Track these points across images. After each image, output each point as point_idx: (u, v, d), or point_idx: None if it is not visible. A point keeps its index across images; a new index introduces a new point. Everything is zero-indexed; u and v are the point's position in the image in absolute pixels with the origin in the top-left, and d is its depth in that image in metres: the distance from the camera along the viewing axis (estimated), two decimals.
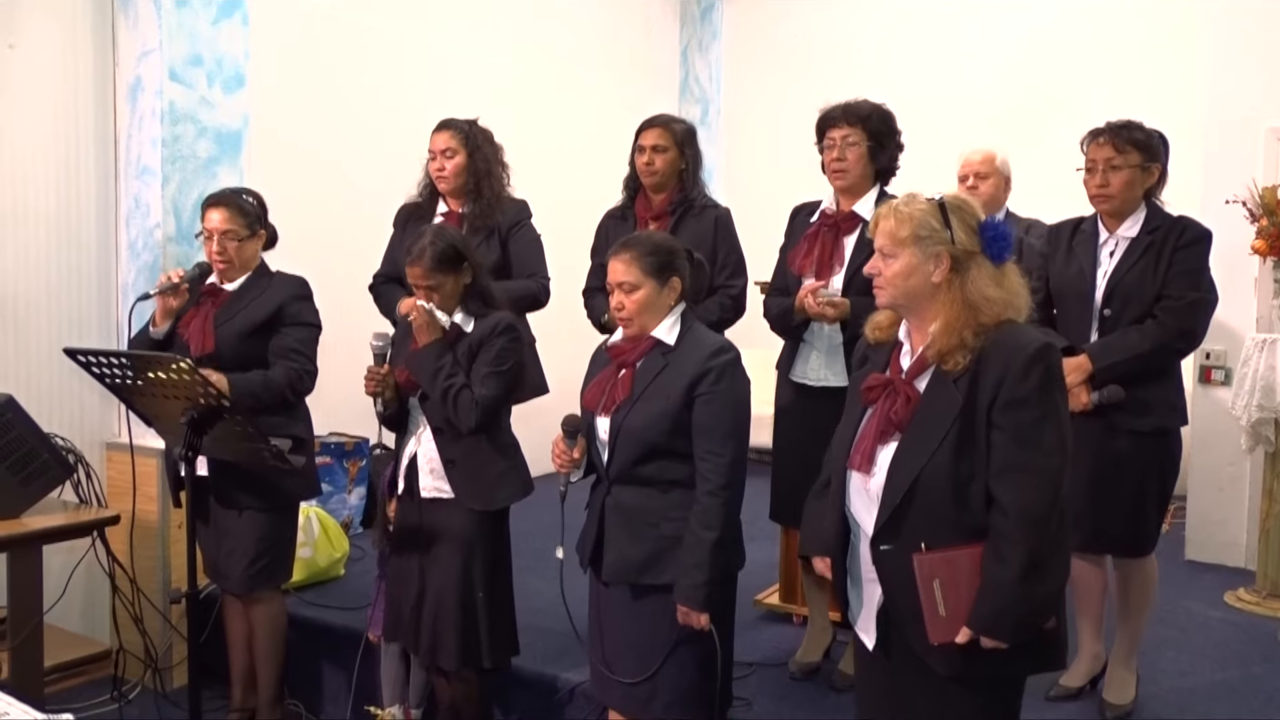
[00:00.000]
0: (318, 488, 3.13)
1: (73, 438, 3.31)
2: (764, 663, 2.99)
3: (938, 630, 1.77)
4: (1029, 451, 1.73)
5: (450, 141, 3.25)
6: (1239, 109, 4.09)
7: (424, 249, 2.61)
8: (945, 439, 1.76)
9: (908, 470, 1.79)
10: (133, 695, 3.28)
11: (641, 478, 2.25)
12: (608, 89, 5.88)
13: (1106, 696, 2.73)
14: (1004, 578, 1.72)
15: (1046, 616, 1.77)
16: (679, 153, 3.09)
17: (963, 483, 1.77)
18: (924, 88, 5.80)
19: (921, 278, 1.83)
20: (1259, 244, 3.68)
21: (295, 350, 2.88)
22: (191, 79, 3.53)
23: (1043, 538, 1.72)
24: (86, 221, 3.60)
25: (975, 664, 1.76)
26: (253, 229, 2.92)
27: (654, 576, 2.23)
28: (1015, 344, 1.77)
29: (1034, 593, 1.72)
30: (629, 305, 2.26)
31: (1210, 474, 4.18)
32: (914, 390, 1.83)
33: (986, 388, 1.76)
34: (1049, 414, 1.75)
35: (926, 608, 1.77)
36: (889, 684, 1.92)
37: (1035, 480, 1.73)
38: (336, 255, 3.86)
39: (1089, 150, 2.69)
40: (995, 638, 1.73)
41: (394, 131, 4.61)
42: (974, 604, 1.74)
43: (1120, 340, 2.60)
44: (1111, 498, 2.64)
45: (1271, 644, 3.28)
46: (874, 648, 1.92)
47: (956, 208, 1.84)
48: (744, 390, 2.26)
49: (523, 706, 2.96)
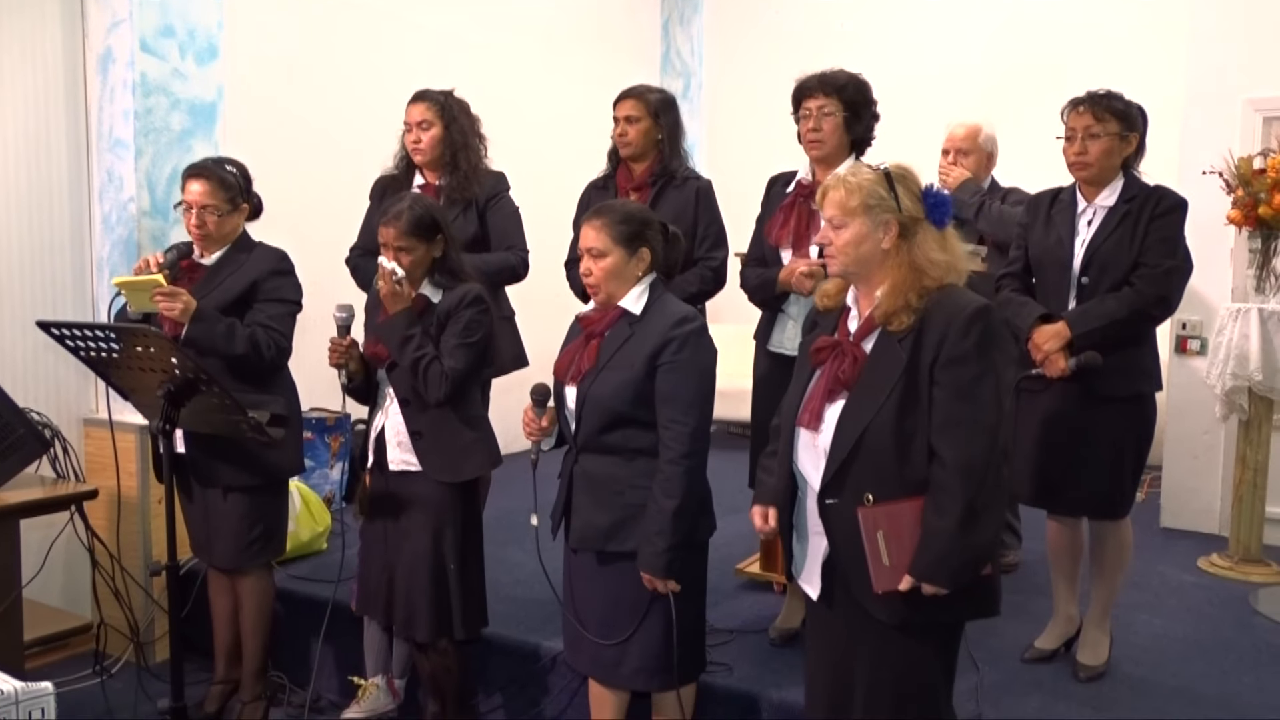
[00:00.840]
0: (301, 464, 3.10)
1: (49, 413, 3.28)
2: (745, 629, 3.02)
3: (882, 579, 1.87)
4: (967, 407, 1.82)
5: (426, 113, 3.21)
6: (1218, 81, 4.11)
7: (402, 211, 2.61)
8: (890, 396, 1.85)
9: (854, 426, 1.88)
10: (115, 669, 3.28)
11: (607, 446, 2.26)
12: (588, 62, 5.84)
13: (1080, 658, 2.78)
14: (942, 527, 1.81)
15: (983, 564, 1.86)
16: (653, 122, 3.07)
17: (906, 438, 1.85)
18: (907, 61, 5.79)
19: (872, 245, 1.91)
20: (1234, 214, 3.70)
21: (267, 326, 2.82)
22: (163, 50, 3.48)
23: (980, 489, 1.81)
24: (59, 195, 3.56)
25: (916, 611, 1.86)
26: (234, 203, 2.87)
27: (619, 544, 2.26)
28: (956, 305, 1.86)
29: (971, 541, 1.81)
30: (596, 271, 2.28)
31: (1185, 443, 4.23)
32: (861, 351, 1.92)
33: (929, 346, 1.85)
34: (986, 371, 1.83)
35: (871, 558, 1.87)
36: (832, 634, 2.01)
37: (973, 434, 1.82)
38: (314, 229, 3.83)
39: (1068, 119, 2.71)
40: (935, 584, 1.83)
41: (371, 104, 4.56)
42: (915, 553, 1.84)
43: (1098, 307, 2.63)
44: (1088, 462, 2.68)
45: (1243, 607, 3.34)
46: (818, 598, 2.01)
47: (901, 176, 1.93)
48: (708, 360, 2.27)
49: (505, 675, 2.98)
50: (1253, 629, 3.15)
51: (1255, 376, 3.61)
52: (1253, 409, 3.71)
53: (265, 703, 3.04)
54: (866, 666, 1.96)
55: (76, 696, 3.11)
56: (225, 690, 3.10)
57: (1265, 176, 3.59)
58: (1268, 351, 3.63)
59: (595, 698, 2.44)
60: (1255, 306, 3.68)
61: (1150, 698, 2.63)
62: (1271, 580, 3.60)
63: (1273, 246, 3.69)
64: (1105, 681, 2.72)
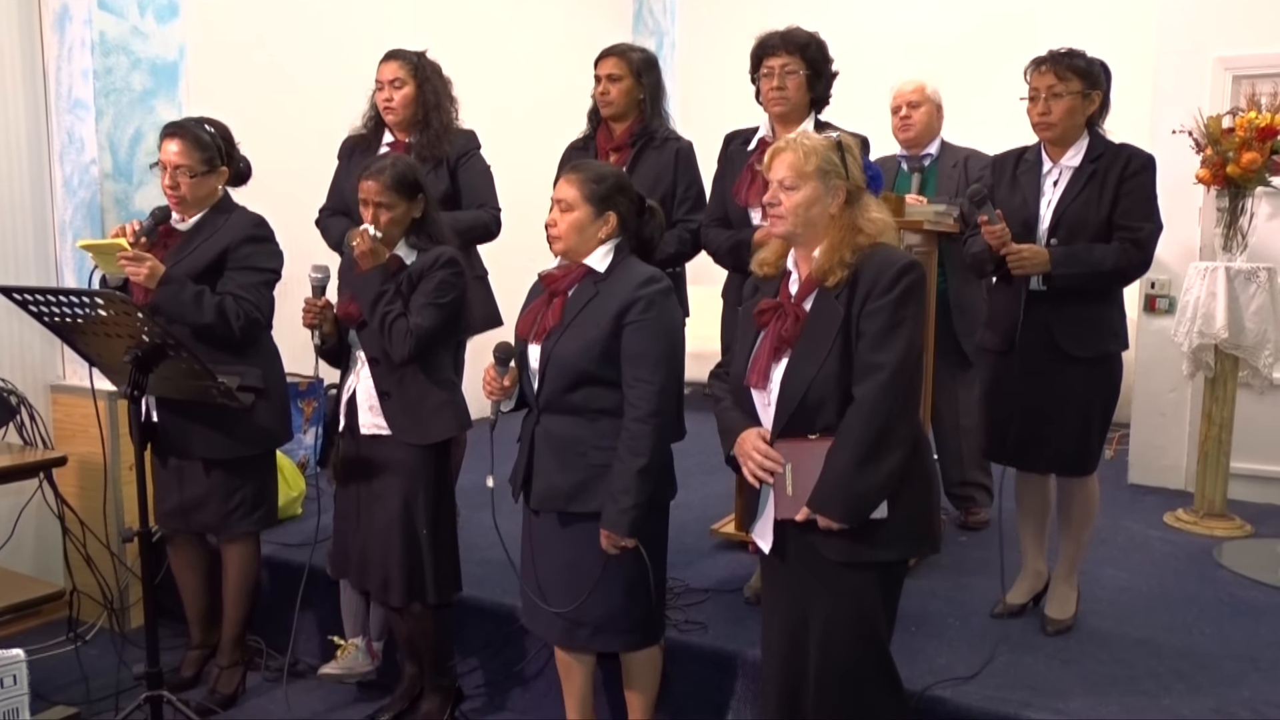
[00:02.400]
0: (288, 433, 3.04)
1: (15, 380, 3.24)
2: (719, 589, 3.05)
3: (783, 508, 2.00)
4: (877, 353, 1.91)
5: (399, 72, 3.17)
6: (1189, 40, 4.12)
7: (385, 167, 2.58)
8: (830, 350, 1.95)
9: (799, 381, 1.97)
10: (90, 635, 3.27)
11: (570, 406, 2.25)
12: (560, 21, 5.76)
13: (1048, 612, 2.83)
14: (839, 463, 1.92)
15: (876, 502, 1.94)
16: (635, 81, 3.04)
17: (846, 389, 1.94)
18: (878, 20, 5.76)
19: (820, 209, 2.00)
20: (1203, 173, 3.73)
21: (237, 296, 2.74)
22: (121, 8, 3.38)
23: (880, 430, 1.90)
24: (18, 157, 3.47)
25: (860, 546, 1.96)
26: (211, 163, 2.77)
27: (582, 505, 2.25)
28: (886, 260, 1.96)
29: (865, 479, 1.91)
30: (561, 223, 2.27)
31: (1153, 400, 4.29)
32: (801, 310, 2.01)
33: (859, 300, 1.94)
34: (902, 322, 1.92)
35: (776, 488, 1.99)
36: (786, 581, 2.11)
37: (879, 379, 1.90)
38: (283, 190, 3.75)
39: (1031, 79, 2.70)
40: (828, 516, 1.94)
41: (339, 63, 4.48)
42: (815, 487, 1.95)
43: (1085, 254, 2.62)
44: (1056, 420, 2.71)
45: (1206, 560, 3.41)
46: (770, 551, 2.10)
47: (849, 146, 2.03)
48: (674, 319, 2.27)
49: (483, 637, 3.00)
50: (1216, 582, 3.22)
51: (1221, 334, 3.67)
52: (1219, 366, 3.77)
53: (243, 667, 3.05)
54: (820, 607, 2.03)
55: (51, 663, 3.11)
56: (202, 655, 3.10)
57: (1234, 135, 3.61)
58: (1233, 309, 3.68)
59: (562, 663, 2.46)
60: (1223, 265, 3.72)
61: (1115, 649, 2.69)
62: (1235, 534, 3.68)
63: (1240, 205, 3.73)
64: (1072, 635, 2.77)
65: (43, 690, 2.91)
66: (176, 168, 2.74)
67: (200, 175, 2.76)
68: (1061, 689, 2.47)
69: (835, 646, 2.02)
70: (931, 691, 2.42)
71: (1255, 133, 3.57)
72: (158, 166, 2.79)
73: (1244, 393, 3.85)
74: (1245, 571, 3.29)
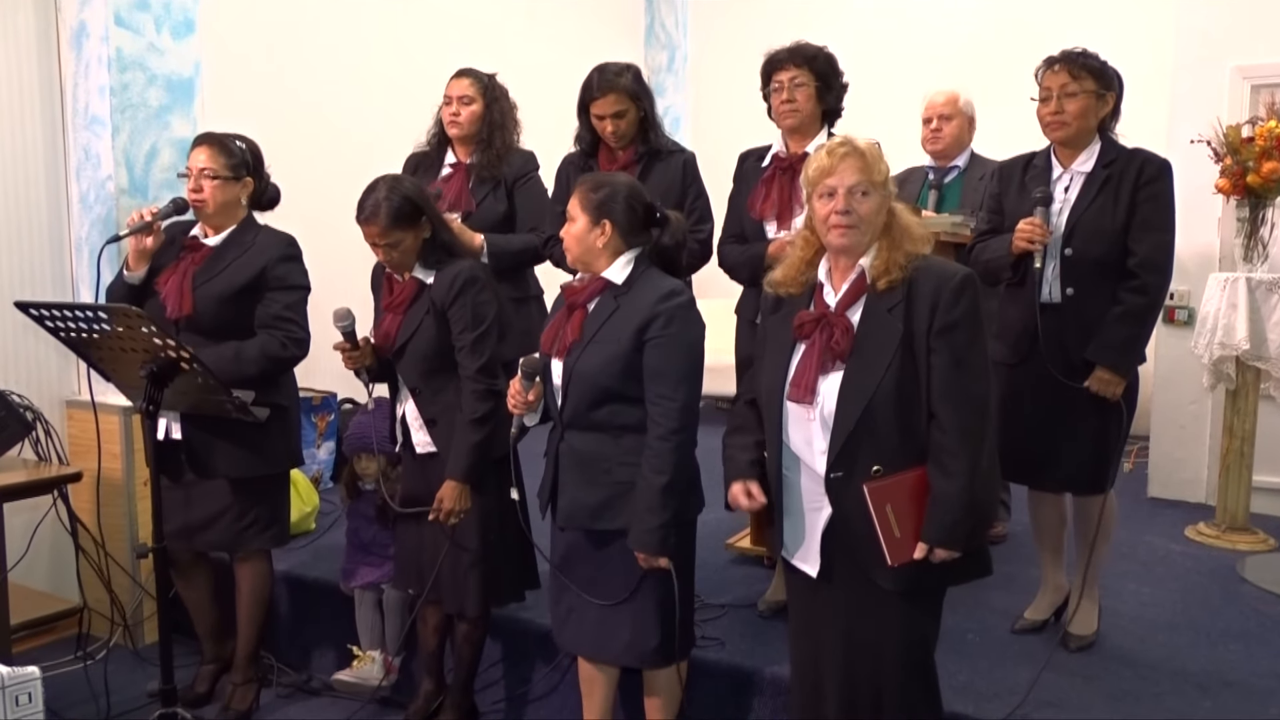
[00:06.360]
0: (299, 455, 3.03)
1: (31, 395, 3.24)
2: (735, 604, 3.02)
3: (895, 551, 1.90)
4: (965, 373, 1.87)
5: (469, 89, 3.19)
6: (1206, 47, 4.08)
7: (378, 205, 2.49)
8: (890, 366, 1.88)
9: (859, 397, 1.89)
10: (102, 653, 3.26)
11: (594, 422, 2.23)
12: (571, 35, 5.77)
13: (1070, 628, 2.78)
14: (950, 490, 1.86)
15: (990, 523, 1.92)
16: (635, 106, 3.00)
17: (906, 407, 1.89)
18: (892, 30, 5.75)
19: (882, 216, 1.94)
20: (1223, 183, 3.69)
21: (281, 318, 2.74)
22: (138, 24, 3.41)
23: (979, 449, 1.87)
24: (35, 173, 3.49)
25: (924, 576, 1.91)
26: (236, 172, 2.77)
27: (608, 522, 2.23)
28: (943, 272, 1.91)
29: (977, 501, 1.87)
30: (566, 235, 2.27)
31: (1173, 413, 4.24)
32: (849, 321, 1.93)
33: (921, 314, 1.88)
34: (977, 338, 1.90)
35: (883, 533, 1.88)
36: (829, 607, 2.03)
37: (971, 397, 1.87)
38: (300, 209, 3.77)
39: (1043, 78, 2.65)
40: (949, 548, 1.88)
41: (353, 79, 4.50)
42: (925, 521, 1.88)
43: (1115, 333, 2.57)
44: (1071, 439, 2.65)
45: (1230, 575, 3.36)
46: (817, 575, 2.02)
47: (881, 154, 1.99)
48: (696, 334, 2.24)
49: (497, 651, 2.97)
50: (1240, 597, 3.17)
51: (1242, 346, 3.62)
52: (1240, 378, 3.72)
53: (257, 684, 3.03)
54: (868, 631, 1.97)
55: (64, 680, 3.09)
56: (215, 670, 3.09)
57: (1254, 145, 3.57)
58: (1255, 320, 3.64)
59: (585, 677, 2.43)
60: (1243, 275, 3.68)
61: (1139, 666, 2.65)
62: (1258, 548, 3.62)
63: (1261, 215, 3.69)
64: (1094, 651, 2.73)
65: (57, 707, 2.90)
66: (202, 170, 2.74)
67: (224, 180, 2.75)
68: (1085, 706, 2.43)
69: (888, 670, 1.97)
70: (953, 708, 2.38)
71: (1275, 142, 3.52)
72: (184, 176, 2.79)
73: (1265, 405, 3.80)
74: (1269, 586, 3.23)
